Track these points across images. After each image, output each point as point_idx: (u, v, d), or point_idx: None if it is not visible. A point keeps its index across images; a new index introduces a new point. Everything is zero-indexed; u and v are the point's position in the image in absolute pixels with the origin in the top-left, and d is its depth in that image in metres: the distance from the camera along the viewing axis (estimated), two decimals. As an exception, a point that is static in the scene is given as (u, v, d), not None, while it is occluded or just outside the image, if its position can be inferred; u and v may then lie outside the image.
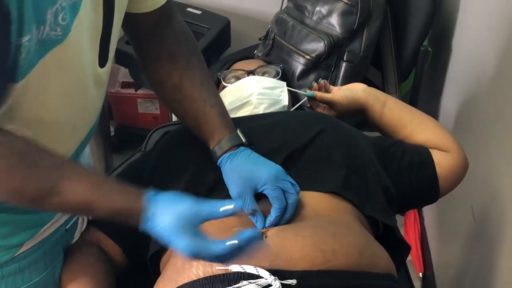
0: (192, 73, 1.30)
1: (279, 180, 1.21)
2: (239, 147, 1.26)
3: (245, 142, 1.27)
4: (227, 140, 1.27)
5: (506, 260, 1.59)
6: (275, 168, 1.23)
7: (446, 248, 2.32)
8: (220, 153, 1.27)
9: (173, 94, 1.31)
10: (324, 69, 2.22)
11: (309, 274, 1.08)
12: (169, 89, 1.31)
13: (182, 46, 1.31)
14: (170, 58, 1.30)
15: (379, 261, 1.18)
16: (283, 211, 1.20)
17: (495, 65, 1.80)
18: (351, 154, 1.37)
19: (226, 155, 1.26)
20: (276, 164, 1.25)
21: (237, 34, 2.82)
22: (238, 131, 1.29)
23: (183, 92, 1.30)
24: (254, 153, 1.26)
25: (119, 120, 3.01)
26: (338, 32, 2.21)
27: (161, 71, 1.31)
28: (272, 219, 1.20)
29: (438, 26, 2.40)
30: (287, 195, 1.21)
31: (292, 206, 1.21)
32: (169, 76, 1.30)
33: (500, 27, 1.77)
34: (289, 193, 1.21)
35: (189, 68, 1.30)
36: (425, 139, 1.52)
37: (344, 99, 1.58)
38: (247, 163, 1.24)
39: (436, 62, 2.44)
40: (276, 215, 1.19)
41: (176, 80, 1.30)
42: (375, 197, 1.33)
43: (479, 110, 1.92)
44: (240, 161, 1.24)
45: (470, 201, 1.92)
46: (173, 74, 1.30)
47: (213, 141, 1.28)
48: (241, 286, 1.05)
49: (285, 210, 1.21)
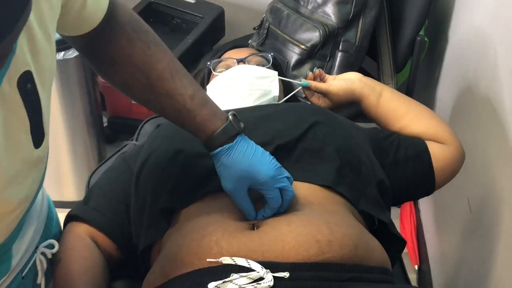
0: (157, 68, 1.18)
1: (277, 180, 1.18)
2: (235, 139, 1.20)
3: (239, 130, 1.21)
4: (221, 132, 1.19)
5: (502, 253, 1.58)
6: (272, 167, 1.19)
7: (442, 240, 2.31)
8: (215, 146, 1.20)
9: (145, 95, 1.20)
10: (319, 59, 2.21)
11: (302, 266, 1.06)
12: (139, 90, 1.20)
13: (136, 43, 1.17)
14: (127, 60, 1.17)
15: (374, 254, 1.17)
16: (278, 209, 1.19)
17: (493, 55, 1.78)
18: (344, 147, 1.35)
19: (223, 149, 1.19)
20: (271, 160, 1.21)
21: (232, 24, 2.80)
22: (230, 119, 1.21)
23: (155, 90, 1.19)
24: (250, 146, 1.21)
25: (112, 111, 2.99)
26: (333, 21, 2.19)
27: (123, 75, 1.19)
28: (265, 215, 1.19)
29: (435, 15, 2.39)
30: (284, 193, 1.19)
31: (289, 202, 1.20)
32: (133, 78, 1.18)
33: (498, 16, 1.75)
34: (287, 191, 1.19)
35: (151, 63, 1.18)
36: (421, 130, 1.50)
37: (339, 89, 1.57)
38: (243, 161, 1.19)
39: (432, 52, 2.42)
40: (271, 213, 1.19)
41: (143, 80, 1.17)
42: (369, 191, 1.32)
43: (476, 100, 1.90)
44: (236, 157, 1.19)
45: (466, 193, 1.91)
46: (137, 75, 1.17)
47: (205, 134, 1.20)
48: (232, 279, 1.04)
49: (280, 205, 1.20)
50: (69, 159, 2.56)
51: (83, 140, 2.63)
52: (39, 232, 1.21)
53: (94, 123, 2.65)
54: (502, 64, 1.68)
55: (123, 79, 1.19)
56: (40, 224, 1.22)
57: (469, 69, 2.01)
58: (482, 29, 1.91)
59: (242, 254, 1.07)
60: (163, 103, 1.20)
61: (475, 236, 1.85)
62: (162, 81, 1.18)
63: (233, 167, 1.19)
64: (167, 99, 1.19)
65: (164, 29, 2.71)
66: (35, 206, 1.20)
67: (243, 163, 1.18)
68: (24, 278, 1.17)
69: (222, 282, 1.03)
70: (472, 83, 1.97)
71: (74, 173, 2.59)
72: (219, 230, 1.12)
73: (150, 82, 1.17)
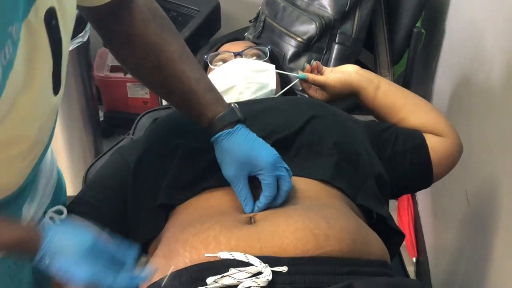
0: (168, 50, 1.23)
1: (277, 167, 1.19)
2: (236, 125, 1.22)
3: (241, 118, 1.23)
4: (223, 117, 1.22)
5: (500, 245, 1.58)
6: (273, 154, 1.20)
7: (440, 232, 2.32)
8: (216, 130, 1.22)
9: (153, 76, 1.25)
10: (315, 51, 2.20)
11: (300, 261, 1.06)
12: (148, 71, 1.25)
13: (150, 24, 1.22)
14: (141, 39, 1.22)
15: (372, 248, 1.17)
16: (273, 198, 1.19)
17: (490, 46, 1.78)
18: (342, 140, 1.35)
19: (223, 133, 1.21)
20: (272, 148, 1.22)
21: (227, 17, 2.79)
22: (232, 106, 1.24)
23: (164, 72, 1.23)
24: (251, 133, 1.23)
25: (108, 105, 2.99)
26: (329, 13, 2.18)
27: (134, 55, 1.24)
28: (261, 205, 1.19)
29: (431, 6, 2.38)
30: (282, 182, 1.19)
31: (286, 193, 1.20)
32: (144, 58, 1.23)
33: (495, 7, 1.75)
34: (285, 180, 1.19)
35: (163, 45, 1.23)
36: (419, 123, 1.50)
37: (336, 82, 1.56)
38: (244, 145, 1.20)
39: (429, 44, 2.42)
40: (265, 202, 1.19)
41: (153, 61, 1.23)
42: (367, 185, 1.32)
43: (473, 92, 1.90)
44: (237, 141, 1.21)
45: (464, 186, 1.90)
46: (147, 55, 1.23)
47: (207, 118, 1.23)
48: (230, 274, 1.03)
49: (278, 196, 1.20)
50: (65, 153, 2.56)
51: (80, 135, 2.62)
52: (48, 197, 1.26)
53: (90, 118, 2.64)
54: (499, 56, 1.68)
55: (135, 59, 1.24)
56: (50, 189, 1.27)
57: (466, 61, 2.00)
58: (479, 20, 1.91)
59: (240, 249, 1.07)
60: (170, 85, 1.24)
61: (473, 228, 1.85)
62: (171, 63, 1.23)
63: (233, 152, 1.20)
64: (175, 81, 1.23)
65: (160, 22, 2.70)
66: (45, 167, 1.24)
67: (243, 148, 1.20)
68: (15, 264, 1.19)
69: (220, 277, 1.03)
70: (469, 75, 1.97)
71: (71, 168, 2.58)
72: (217, 225, 1.12)
73: (160, 63, 1.22)
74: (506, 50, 1.62)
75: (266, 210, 1.19)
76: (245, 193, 1.20)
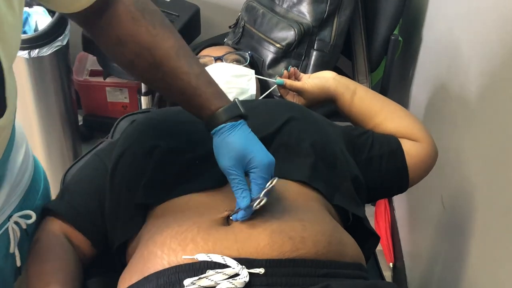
0: (162, 47, 1.19)
1: (269, 172, 1.17)
2: (239, 119, 1.19)
3: (244, 113, 1.20)
4: (227, 110, 1.19)
5: (475, 248, 1.59)
6: (270, 157, 1.18)
7: (416, 237, 2.33)
8: (219, 122, 1.18)
9: (151, 74, 1.21)
10: (294, 57, 2.22)
11: (277, 263, 1.07)
12: (145, 69, 1.21)
13: (140, 22, 1.17)
14: (132, 39, 1.17)
15: (348, 250, 1.18)
16: None
17: (465, 54, 1.80)
18: (319, 142, 1.36)
19: (227, 125, 1.18)
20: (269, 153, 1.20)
21: (207, 22, 2.80)
22: (236, 100, 1.21)
23: (161, 69, 1.19)
24: (252, 133, 1.20)
25: (88, 109, 2.98)
26: (308, 20, 2.20)
27: (128, 54, 1.19)
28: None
29: (409, 14, 2.41)
30: None
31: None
32: (139, 58, 1.19)
33: (471, 15, 1.77)
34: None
35: (157, 42, 1.19)
36: (395, 128, 1.51)
37: (314, 87, 1.57)
38: (244, 140, 1.18)
39: (406, 51, 2.44)
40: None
41: (149, 59, 1.18)
42: (344, 186, 1.33)
43: (449, 99, 1.92)
44: (239, 135, 1.18)
45: (440, 191, 1.92)
46: (142, 54, 1.18)
47: (209, 110, 1.19)
48: (207, 275, 1.04)
49: None
50: (44, 157, 2.54)
51: (59, 139, 2.61)
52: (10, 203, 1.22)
53: (69, 121, 2.63)
54: (475, 64, 1.70)
55: (129, 59, 1.20)
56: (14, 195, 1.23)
57: (443, 68, 2.03)
58: (455, 29, 1.93)
59: (217, 250, 1.08)
60: (169, 81, 1.21)
61: (448, 233, 1.87)
62: (168, 60, 1.19)
63: (233, 145, 1.17)
64: (173, 77, 1.20)
65: (140, 27, 2.70)
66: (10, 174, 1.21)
67: (245, 142, 1.17)
68: None
69: (198, 279, 1.04)
70: (445, 82, 1.99)
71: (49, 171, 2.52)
72: (195, 227, 1.12)
73: (156, 60, 1.18)
74: (481, 58, 1.64)
75: None
76: (242, 185, 1.16)
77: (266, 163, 1.16)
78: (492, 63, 1.56)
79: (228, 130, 1.17)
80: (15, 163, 1.23)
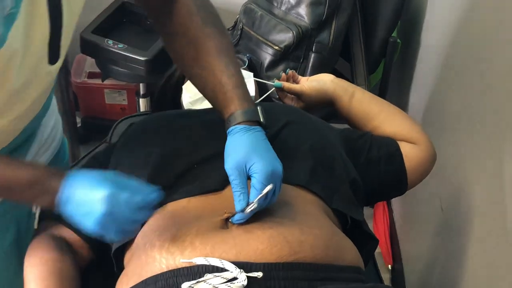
0: (207, 44, 1.26)
1: (270, 179, 1.15)
2: (256, 125, 1.20)
3: (262, 122, 1.21)
4: (246, 112, 1.20)
5: (473, 251, 1.59)
6: (276, 166, 1.16)
7: (415, 240, 2.33)
8: (235, 122, 1.19)
9: (193, 68, 1.29)
10: (292, 60, 2.22)
11: (275, 266, 1.07)
12: (189, 62, 1.29)
13: (193, 17, 1.27)
14: (184, 30, 1.27)
15: (346, 254, 1.18)
16: None
17: (464, 57, 1.80)
18: (318, 146, 1.36)
19: (240, 127, 1.18)
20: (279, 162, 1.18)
21: (206, 25, 2.79)
22: (259, 107, 1.23)
23: (201, 64, 1.26)
24: (265, 141, 1.20)
25: (86, 111, 2.98)
26: (306, 22, 2.20)
27: (177, 46, 1.30)
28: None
29: (407, 17, 2.41)
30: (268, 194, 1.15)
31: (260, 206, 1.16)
32: (185, 50, 1.28)
33: (468, 19, 1.78)
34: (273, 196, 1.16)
35: (203, 38, 1.26)
36: (393, 131, 1.51)
37: (312, 90, 1.57)
38: (252, 144, 1.17)
39: (405, 54, 2.44)
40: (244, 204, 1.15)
41: (192, 53, 1.27)
42: (342, 189, 1.33)
43: (448, 102, 1.92)
44: (249, 139, 1.18)
45: (438, 193, 1.93)
46: (188, 48, 1.27)
47: (230, 109, 1.21)
48: (205, 279, 1.04)
49: None
50: (42, 160, 2.54)
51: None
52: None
53: (67, 124, 2.63)
54: (474, 67, 1.70)
55: (178, 50, 1.30)
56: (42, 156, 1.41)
57: (441, 71, 2.03)
58: (454, 31, 1.93)
59: (216, 254, 1.08)
60: (205, 78, 1.26)
61: (447, 235, 1.87)
62: (208, 56, 1.26)
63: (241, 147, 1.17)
64: (208, 74, 1.25)
65: (138, 29, 2.69)
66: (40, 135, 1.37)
67: (252, 146, 1.17)
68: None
69: (195, 282, 1.03)
70: (444, 84, 1.99)
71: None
72: (193, 230, 1.12)
73: (197, 56, 1.26)
74: (480, 60, 1.65)
75: None
76: (240, 187, 1.14)
77: (268, 170, 1.14)
78: (491, 65, 1.56)
79: (240, 132, 1.18)
80: (46, 126, 1.39)
